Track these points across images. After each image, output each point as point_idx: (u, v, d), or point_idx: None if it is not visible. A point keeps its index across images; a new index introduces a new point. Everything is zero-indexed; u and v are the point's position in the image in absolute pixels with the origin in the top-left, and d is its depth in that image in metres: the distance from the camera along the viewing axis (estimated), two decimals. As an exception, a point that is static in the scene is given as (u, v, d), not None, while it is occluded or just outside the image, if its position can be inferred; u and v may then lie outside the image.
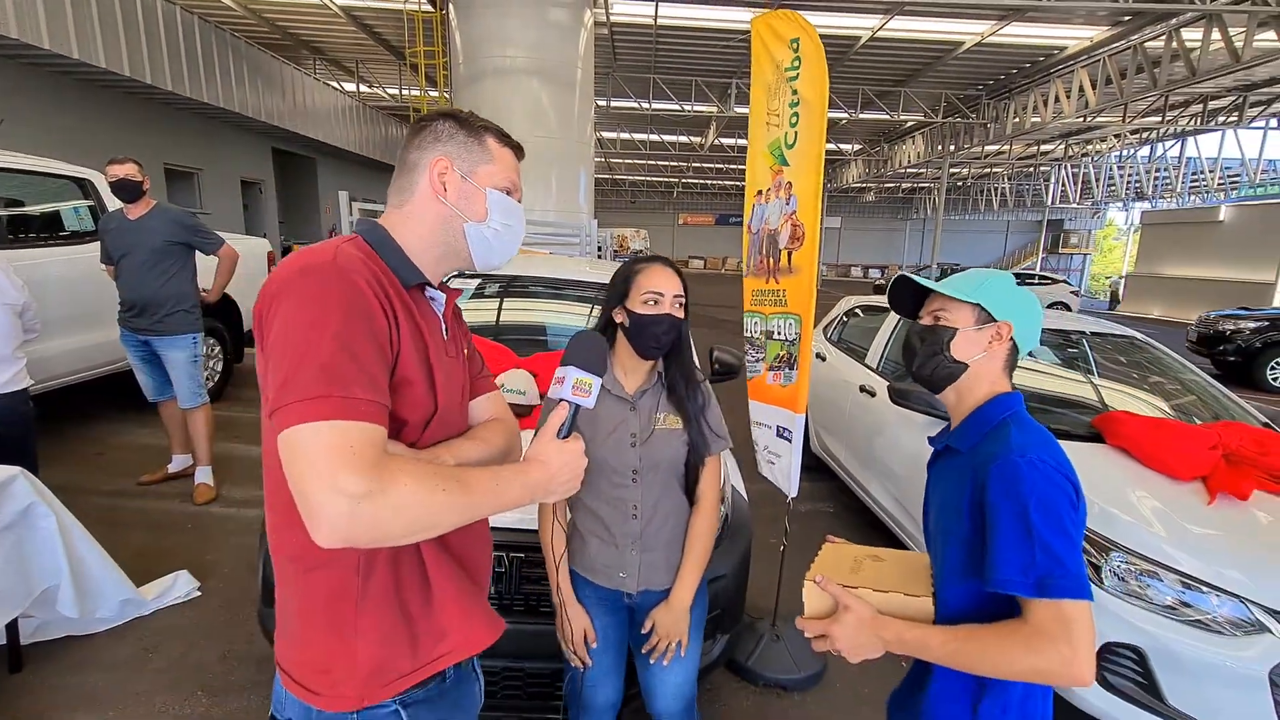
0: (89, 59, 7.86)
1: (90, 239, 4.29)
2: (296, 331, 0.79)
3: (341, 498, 0.72)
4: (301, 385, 0.76)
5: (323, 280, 0.83)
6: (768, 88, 2.51)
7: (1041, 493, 0.91)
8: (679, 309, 1.43)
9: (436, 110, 1.04)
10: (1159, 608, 2.03)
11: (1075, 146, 21.77)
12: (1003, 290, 1.11)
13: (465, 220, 0.99)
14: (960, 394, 1.12)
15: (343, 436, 0.75)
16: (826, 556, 1.21)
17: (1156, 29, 11.20)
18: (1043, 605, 0.88)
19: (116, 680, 2.25)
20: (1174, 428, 2.55)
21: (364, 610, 0.89)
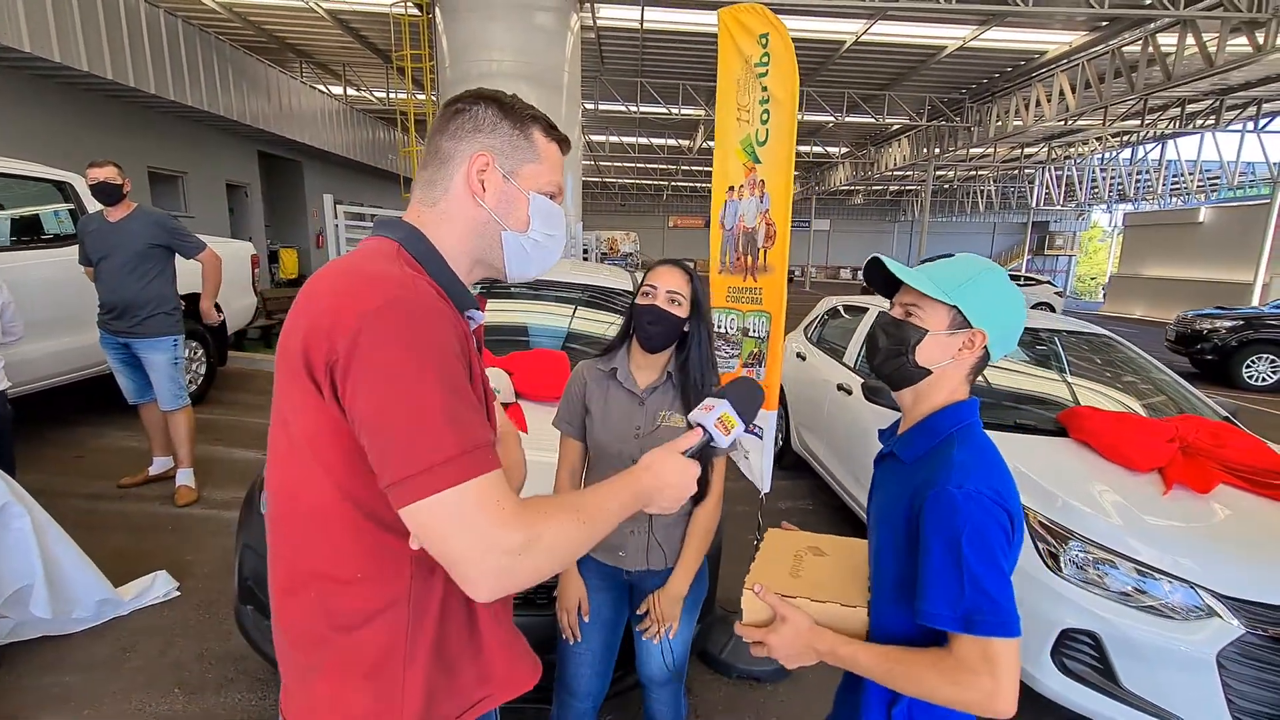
0: (71, 62, 7.82)
1: (70, 242, 4.28)
2: (401, 385, 0.71)
3: (503, 556, 0.70)
4: (431, 447, 0.70)
5: (417, 316, 0.74)
6: (736, 82, 2.55)
7: (975, 525, 0.88)
8: (675, 305, 1.48)
9: (476, 91, 0.90)
10: (1114, 594, 2.09)
11: (1058, 149, 22.05)
12: (987, 293, 1.00)
13: (504, 228, 0.89)
14: (917, 396, 1.05)
15: (486, 493, 0.71)
16: (770, 546, 1.24)
17: (1133, 34, 11.39)
18: (969, 640, 0.86)
19: (92, 680, 2.26)
20: (1134, 422, 2.62)
21: (412, 665, 0.82)
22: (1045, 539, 2.26)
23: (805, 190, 32.95)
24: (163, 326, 3.59)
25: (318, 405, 0.75)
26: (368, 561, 0.80)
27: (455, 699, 0.88)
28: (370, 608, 0.81)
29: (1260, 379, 9.25)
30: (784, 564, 1.18)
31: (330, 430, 0.76)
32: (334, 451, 0.77)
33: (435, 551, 0.72)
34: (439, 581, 0.83)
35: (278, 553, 0.85)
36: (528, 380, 2.50)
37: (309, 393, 0.75)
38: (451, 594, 0.85)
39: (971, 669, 0.86)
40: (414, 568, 0.82)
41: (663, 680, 1.61)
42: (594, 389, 1.57)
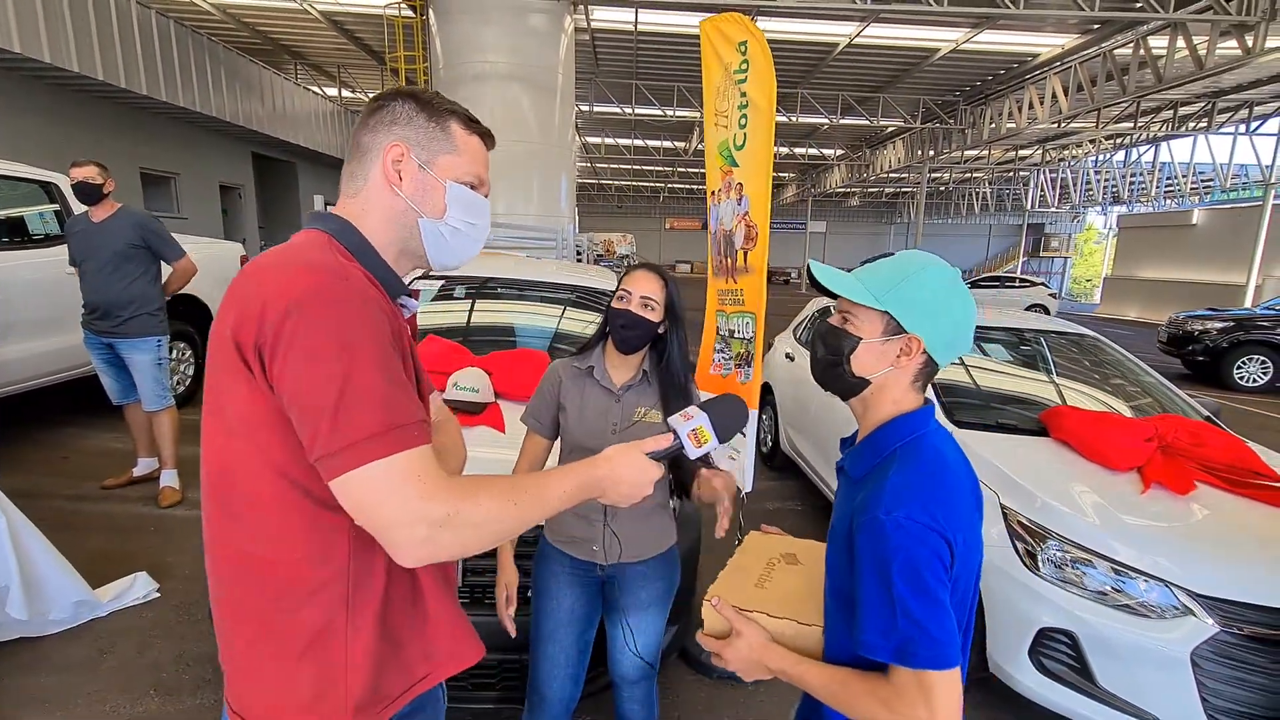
0: (62, 63, 7.81)
1: (55, 243, 4.27)
2: (328, 364, 0.74)
3: (423, 526, 0.74)
4: (358, 422, 0.73)
5: (346, 299, 0.77)
6: (716, 89, 2.58)
7: (906, 555, 0.84)
8: (646, 310, 1.50)
9: (396, 89, 0.94)
10: (1091, 593, 2.10)
11: (1052, 151, 22.13)
12: (921, 294, 0.93)
13: (421, 215, 0.91)
14: (866, 405, 1.00)
15: (411, 466, 0.75)
16: (746, 551, 1.24)
17: (1124, 37, 11.45)
18: (905, 671, 0.85)
19: (68, 681, 2.25)
20: (1113, 421, 2.63)
21: (355, 641, 0.84)
22: (1024, 538, 2.26)
23: (801, 192, 33.03)
24: (146, 327, 3.58)
25: (249, 387, 0.78)
26: (306, 539, 0.82)
27: (401, 674, 0.90)
28: (310, 585, 0.82)
29: (1251, 380, 9.28)
30: (754, 571, 1.17)
31: (263, 411, 0.78)
32: (268, 432, 0.79)
33: (363, 521, 0.76)
34: (381, 557, 0.84)
35: (215, 539, 0.86)
36: (508, 380, 2.50)
37: (240, 376, 0.78)
38: (395, 570, 0.88)
39: (908, 700, 0.84)
40: (353, 544, 0.84)
41: (635, 678, 1.61)
42: (570, 386, 1.58)
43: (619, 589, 1.58)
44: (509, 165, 9.43)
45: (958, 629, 0.88)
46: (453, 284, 3.44)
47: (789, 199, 35.55)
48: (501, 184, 9.48)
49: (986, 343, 3.63)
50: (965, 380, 3.29)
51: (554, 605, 1.57)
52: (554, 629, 1.57)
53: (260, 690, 0.86)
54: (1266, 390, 9.22)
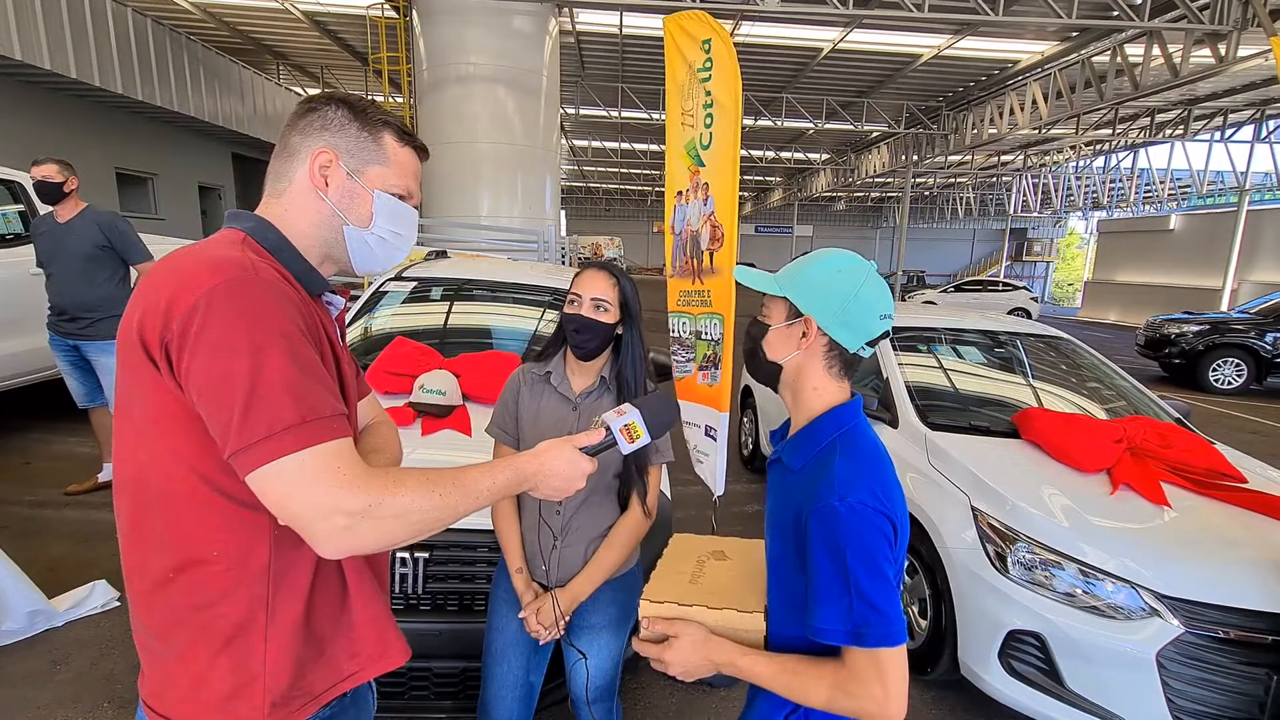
0: (33, 60, 7.66)
1: (19, 243, 4.18)
2: (239, 358, 0.72)
3: (340, 517, 0.74)
4: (270, 416, 0.72)
5: (249, 296, 0.75)
6: (680, 87, 2.56)
7: (859, 538, 0.88)
8: (599, 312, 1.44)
9: (330, 93, 0.94)
10: (1060, 595, 2.10)
11: (1034, 157, 22.41)
12: (813, 276, 1.00)
13: (345, 223, 0.91)
14: (793, 394, 1.04)
15: (327, 459, 0.74)
16: (674, 552, 1.22)
17: (1102, 45, 11.61)
18: (859, 652, 0.87)
19: (17, 694, 2.17)
20: (1083, 423, 2.64)
21: (274, 639, 0.84)
22: (993, 540, 2.26)
23: (787, 196, 33.19)
24: (113, 329, 3.49)
25: (156, 384, 0.76)
26: (224, 539, 0.81)
27: (324, 672, 0.89)
28: (227, 584, 0.81)
29: (1226, 382, 9.42)
30: (685, 570, 1.16)
31: (173, 410, 0.77)
32: (179, 430, 0.77)
33: (280, 515, 0.75)
34: (306, 554, 0.84)
35: (132, 539, 0.84)
36: (477, 382, 2.46)
37: (147, 373, 0.76)
38: (322, 568, 0.88)
39: (863, 679, 0.87)
40: (273, 543, 0.83)
41: (593, 699, 1.56)
42: (526, 393, 1.53)
43: (574, 613, 1.51)
44: (492, 167, 9.39)
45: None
46: (426, 286, 3.40)
47: (775, 203, 35.73)
48: (485, 186, 9.44)
49: (961, 345, 3.65)
50: (940, 383, 3.30)
51: (503, 623, 1.52)
52: (503, 648, 1.51)
53: (176, 686, 0.84)
54: (1240, 393, 9.36)
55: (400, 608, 1.82)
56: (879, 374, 3.31)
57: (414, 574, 1.82)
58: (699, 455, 2.80)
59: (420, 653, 1.81)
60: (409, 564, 1.81)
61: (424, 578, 1.83)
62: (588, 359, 1.48)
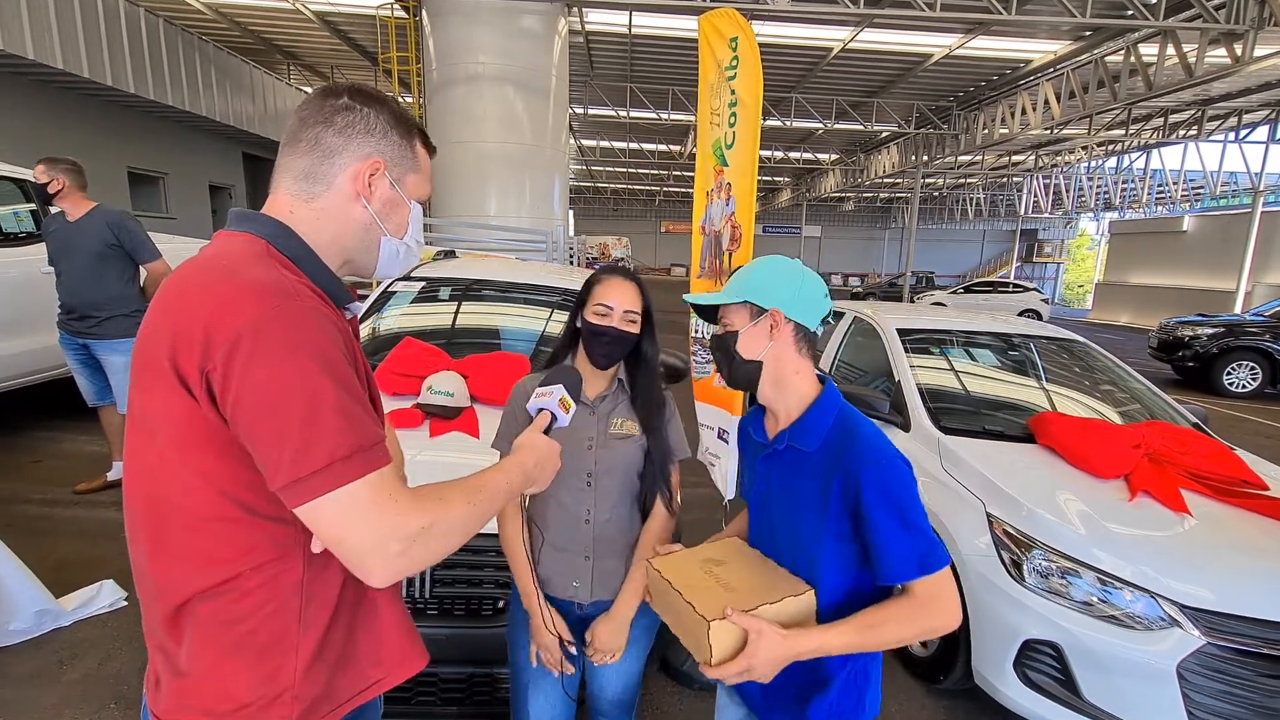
0: (46, 59, 7.72)
1: (30, 241, 4.20)
2: (290, 389, 0.71)
3: (395, 544, 0.74)
4: (326, 447, 0.71)
5: (300, 322, 0.74)
6: (711, 87, 2.54)
7: (908, 485, 1.03)
8: (630, 324, 1.41)
9: (359, 87, 0.88)
10: (1077, 604, 2.05)
11: (1046, 157, 22.24)
12: (763, 278, 1.14)
13: (385, 234, 0.90)
14: (776, 387, 1.16)
15: (380, 488, 0.74)
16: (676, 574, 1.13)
17: (1115, 44, 11.50)
18: (924, 581, 1.01)
19: (25, 694, 2.17)
20: (1100, 428, 2.59)
21: (304, 651, 0.83)
22: (1009, 547, 2.22)
23: (796, 196, 33.09)
24: (122, 328, 3.51)
25: (190, 412, 0.74)
26: (259, 555, 0.80)
27: (350, 680, 0.90)
28: (261, 599, 0.80)
29: (1241, 385, 9.29)
30: (710, 585, 1.11)
31: (203, 435, 0.74)
32: (211, 455, 0.75)
33: (332, 545, 0.75)
34: (337, 566, 0.83)
35: (156, 560, 0.81)
36: (485, 384, 2.44)
37: (178, 400, 0.73)
38: (351, 579, 0.86)
39: (933, 602, 1.01)
40: (308, 556, 0.83)
41: (614, 714, 1.54)
42: None
43: None
44: (501, 167, 9.39)
45: None
46: (434, 286, 3.39)
47: (784, 203, 35.61)
48: (493, 185, 9.44)
49: (974, 348, 3.60)
50: (953, 386, 3.25)
51: (526, 640, 1.46)
52: (536, 677, 1.47)
53: (198, 697, 0.82)
54: (1256, 396, 9.24)
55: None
56: (890, 376, 3.27)
57: (420, 578, 1.80)
58: (711, 458, 2.77)
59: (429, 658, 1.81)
60: (416, 568, 1.79)
61: (431, 582, 1.81)
62: (608, 368, 1.45)
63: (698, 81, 2.76)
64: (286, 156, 0.86)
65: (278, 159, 0.87)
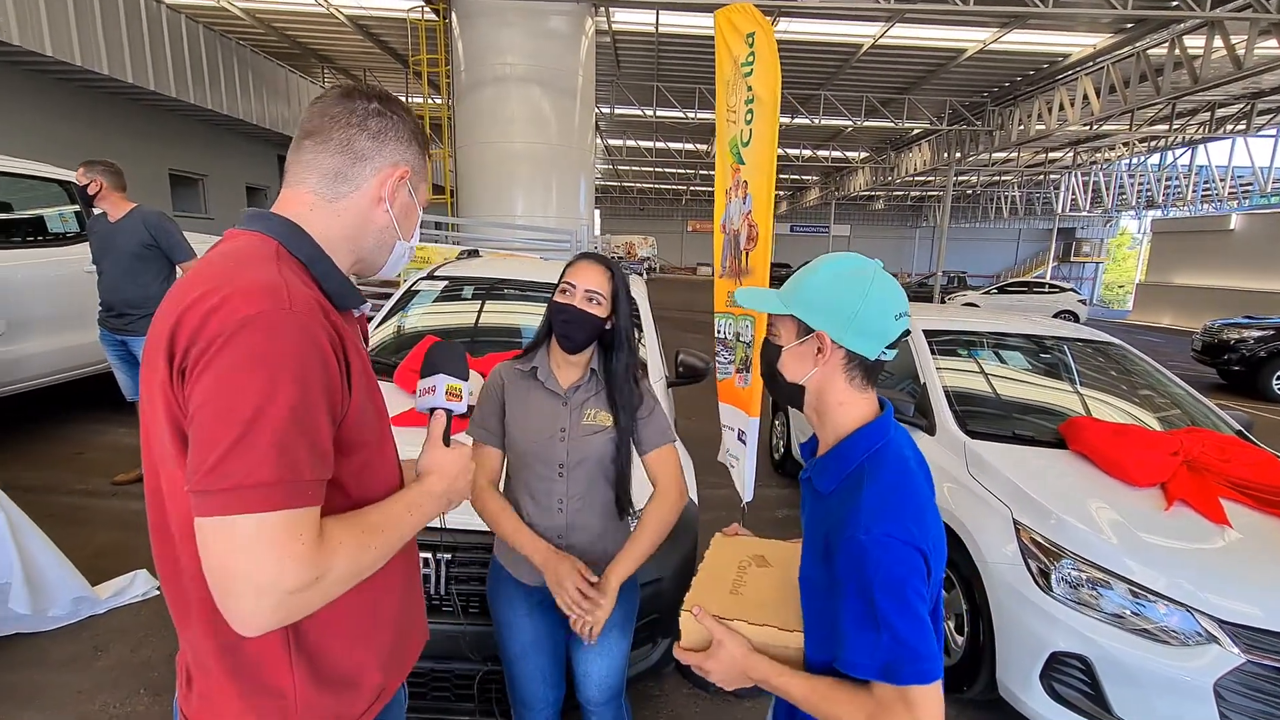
0: (92, 65, 8.00)
1: (75, 241, 4.35)
2: (243, 398, 0.67)
3: (275, 593, 0.67)
4: (247, 467, 0.66)
5: (276, 335, 0.70)
6: (727, 83, 2.51)
7: (887, 573, 0.84)
8: (591, 304, 1.40)
9: (381, 93, 0.89)
10: (1108, 616, 1.98)
11: (1084, 154, 21.59)
12: (817, 286, 0.94)
13: (399, 237, 0.92)
14: (819, 413, 1.00)
15: (290, 527, 0.68)
16: (715, 555, 1.20)
17: (1159, 36, 11.11)
18: (889, 688, 0.84)
19: (61, 678, 2.25)
20: (1135, 434, 2.50)
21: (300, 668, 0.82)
22: (1037, 556, 2.15)
23: (824, 195, 32.70)
24: (158, 326, 3.61)
25: (166, 392, 0.73)
26: None
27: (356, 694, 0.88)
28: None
29: (1291, 391, 8.91)
30: (726, 578, 1.15)
31: (177, 425, 0.73)
32: (179, 444, 0.74)
33: (211, 573, 0.68)
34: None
35: (157, 546, 0.82)
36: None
37: (165, 382, 0.73)
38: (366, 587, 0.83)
39: (893, 714, 0.83)
40: None
41: (601, 701, 1.54)
42: (513, 390, 1.47)
43: None
44: (527, 167, 9.45)
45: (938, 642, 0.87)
46: (457, 285, 3.42)
47: (811, 202, 35.22)
48: (520, 185, 9.51)
49: (1004, 350, 3.51)
50: (980, 388, 3.17)
51: (515, 631, 1.50)
52: (523, 651, 1.50)
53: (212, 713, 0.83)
54: (1307, 402, 8.84)
55: (422, 608, 1.82)
56: (916, 379, 3.20)
57: (436, 575, 1.81)
58: (730, 459, 2.75)
59: (442, 655, 1.82)
60: (431, 565, 1.80)
61: (446, 579, 1.82)
62: (574, 352, 1.44)
63: (717, 79, 2.73)
64: (315, 154, 0.85)
65: (298, 154, 0.86)
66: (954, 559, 2.46)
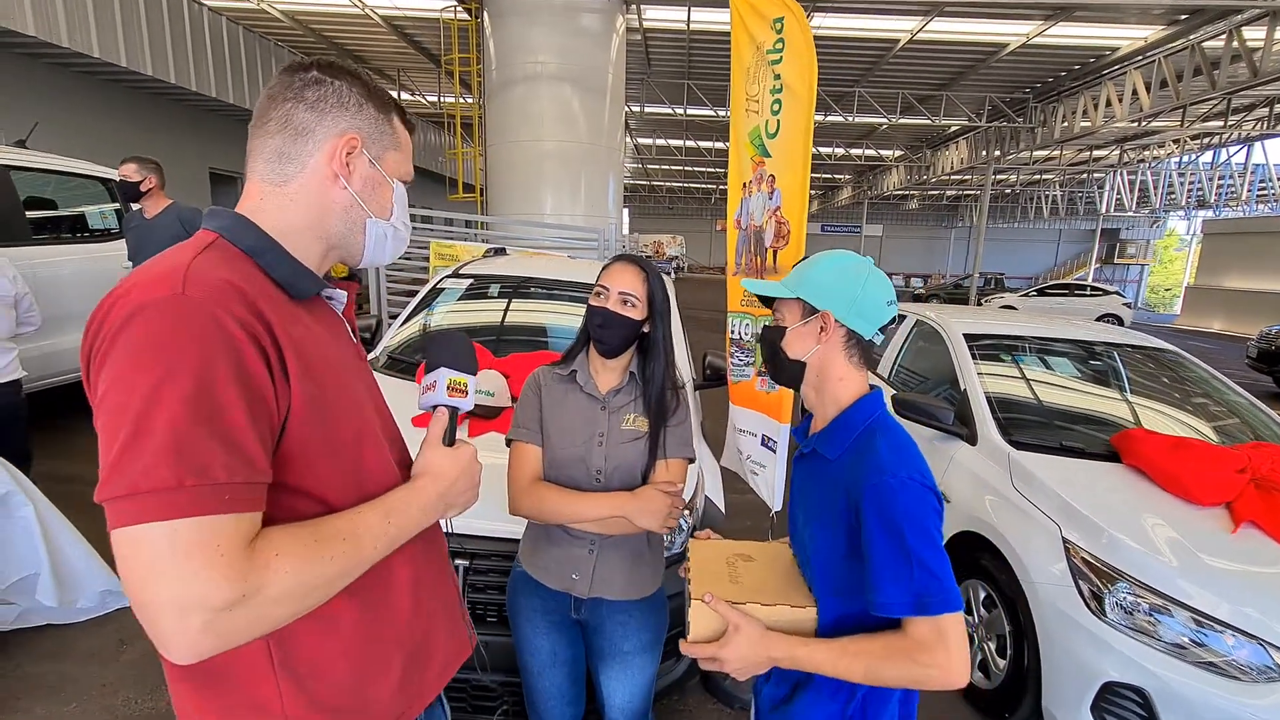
0: (137, 67, 8.22)
1: (113, 237, 4.44)
2: (133, 392, 0.60)
3: (199, 613, 0.59)
4: (140, 471, 0.59)
5: (167, 322, 0.63)
6: (746, 71, 2.40)
7: (914, 512, 0.92)
8: (627, 307, 1.36)
9: (329, 62, 0.82)
10: (1168, 646, 1.84)
11: (1131, 152, 20.79)
12: (821, 276, 1.07)
13: (368, 215, 0.84)
14: (817, 391, 1.10)
15: (204, 536, 0.60)
16: (699, 557, 1.17)
17: (1215, 27, 10.59)
18: (922, 621, 0.90)
19: (86, 671, 2.27)
20: (1197, 448, 2.33)
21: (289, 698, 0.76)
22: (1088, 577, 2.01)
23: (856, 195, 32.16)
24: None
25: (90, 393, 0.68)
26: None
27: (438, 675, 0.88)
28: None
29: (1356, 402, 8.42)
30: (720, 572, 1.12)
31: None
32: None
33: (130, 593, 0.61)
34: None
35: None
36: (526, 384, 2.40)
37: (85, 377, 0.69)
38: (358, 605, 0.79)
39: (927, 647, 0.90)
40: None
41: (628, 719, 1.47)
42: (550, 395, 1.44)
43: (602, 636, 1.43)
44: (557, 165, 9.44)
45: None
46: (483, 283, 3.38)
47: (844, 201, 34.67)
48: (549, 184, 9.50)
49: (1050, 355, 3.33)
50: (1025, 396, 3.02)
51: (534, 647, 1.44)
52: (541, 668, 1.45)
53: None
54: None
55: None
56: (955, 384, 3.06)
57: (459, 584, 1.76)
58: (754, 466, 2.64)
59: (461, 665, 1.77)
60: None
61: (464, 587, 1.77)
62: (610, 355, 1.40)
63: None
64: (256, 138, 0.80)
65: (249, 144, 0.81)
66: (995, 575, 2.33)
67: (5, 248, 3.42)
